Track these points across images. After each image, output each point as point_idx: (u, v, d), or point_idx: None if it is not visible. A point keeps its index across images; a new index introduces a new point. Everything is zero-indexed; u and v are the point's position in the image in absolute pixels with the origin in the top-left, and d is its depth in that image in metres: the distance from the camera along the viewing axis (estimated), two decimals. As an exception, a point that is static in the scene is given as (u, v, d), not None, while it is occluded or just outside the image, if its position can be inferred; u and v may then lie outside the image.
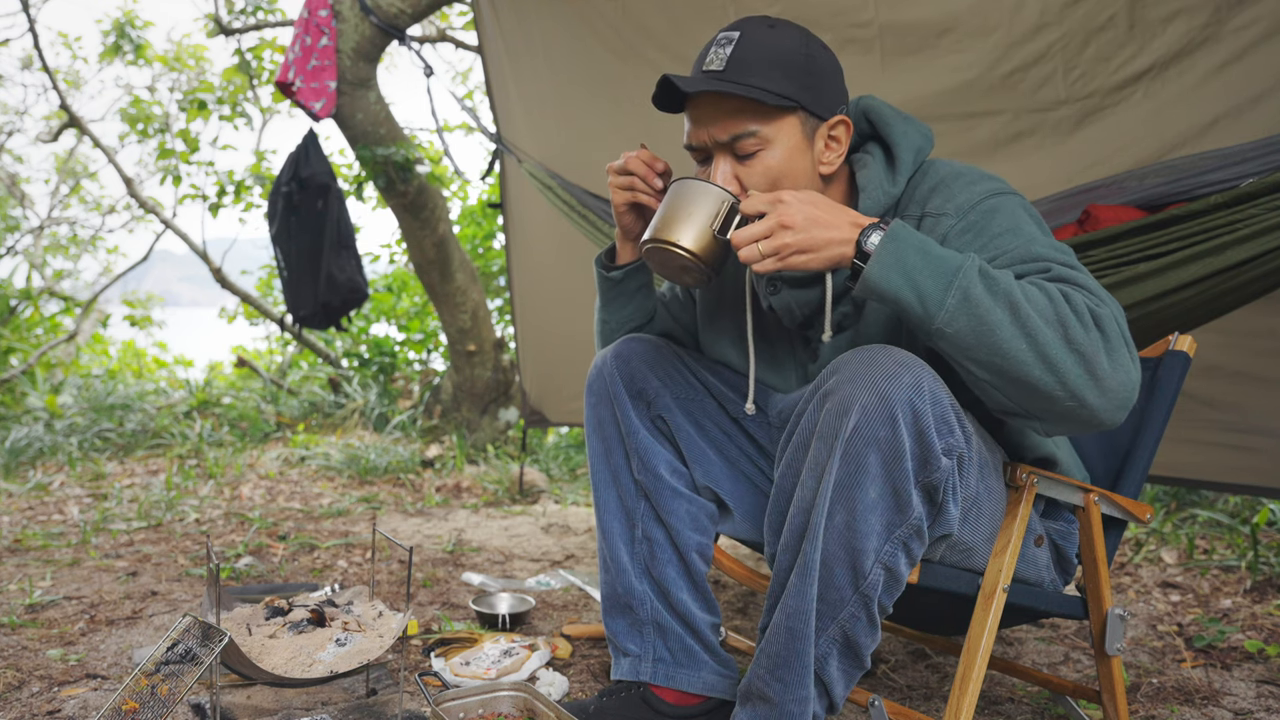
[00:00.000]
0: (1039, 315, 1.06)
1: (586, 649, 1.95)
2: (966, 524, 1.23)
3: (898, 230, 1.10)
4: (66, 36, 7.10)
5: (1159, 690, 1.77)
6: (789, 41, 1.26)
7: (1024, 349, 1.06)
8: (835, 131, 1.29)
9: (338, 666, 1.52)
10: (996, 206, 1.21)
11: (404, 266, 6.42)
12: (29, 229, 7.94)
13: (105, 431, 4.72)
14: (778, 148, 1.25)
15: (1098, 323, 1.07)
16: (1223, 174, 1.69)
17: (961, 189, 1.24)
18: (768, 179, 1.26)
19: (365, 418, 5.17)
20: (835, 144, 1.30)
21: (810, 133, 1.27)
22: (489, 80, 3.22)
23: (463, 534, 3.06)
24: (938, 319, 1.08)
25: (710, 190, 1.22)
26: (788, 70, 1.24)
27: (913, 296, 1.08)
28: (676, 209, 1.22)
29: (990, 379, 1.10)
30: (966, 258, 1.09)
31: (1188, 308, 1.65)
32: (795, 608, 1.13)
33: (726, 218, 1.21)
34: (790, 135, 1.26)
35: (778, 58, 1.24)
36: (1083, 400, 1.07)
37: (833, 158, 1.30)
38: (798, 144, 1.26)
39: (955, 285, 1.07)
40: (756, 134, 1.24)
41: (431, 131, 6.54)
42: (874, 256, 1.09)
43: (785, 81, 1.23)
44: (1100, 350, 1.06)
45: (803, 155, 1.27)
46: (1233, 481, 2.28)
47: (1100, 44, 1.85)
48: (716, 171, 1.27)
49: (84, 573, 2.45)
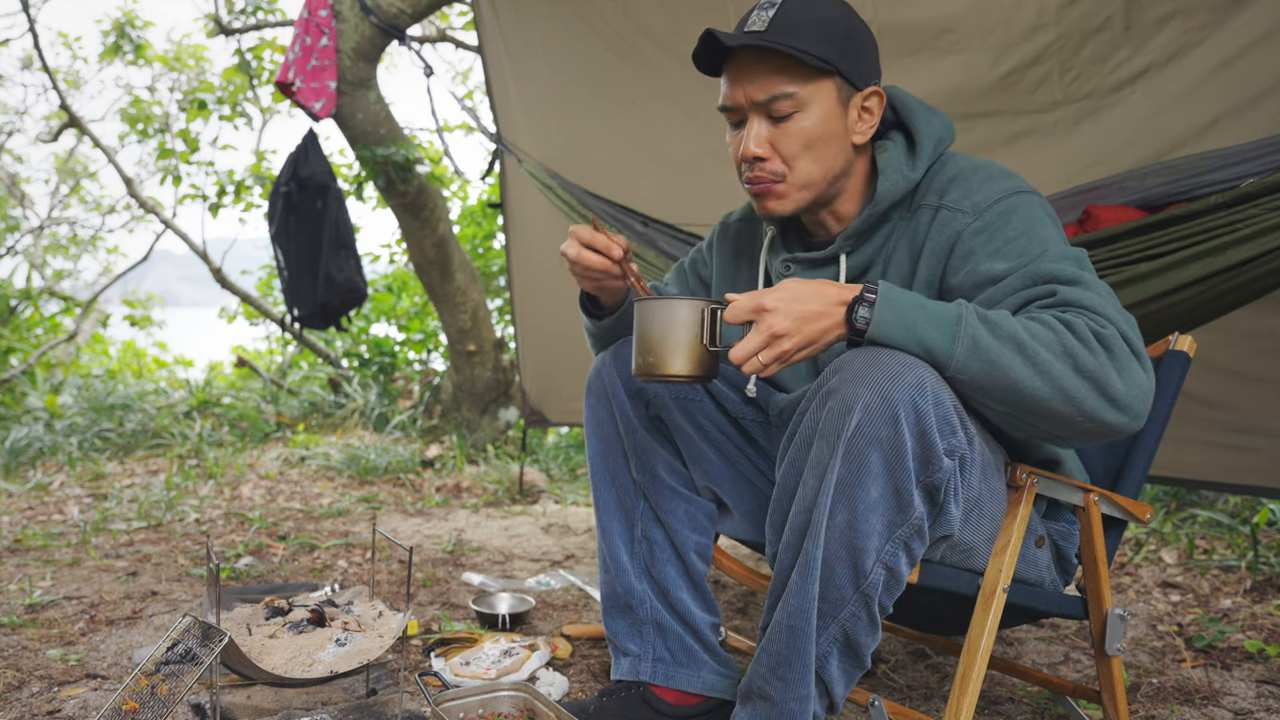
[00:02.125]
0: (1047, 350, 1.07)
1: (586, 649, 1.95)
2: (968, 524, 1.23)
3: (889, 291, 1.12)
4: (66, 36, 7.10)
5: (1159, 690, 1.77)
6: (831, 10, 1.28)
7: (1038, 385, 1.08)
8: (869, 103, 1.31)
9: (338, 666, 1.52)
10: (1014, 206, 1.22)
11: (404, 266, 6.42)
12: (29, 229, 7.94)
13: (105, 431, 4.71)
14: (814, 111, 1.27)
15: (1104, 343, 1.08)
16: (1223, 174, 1.69)
17: (980, 185, 1.25)
18: (801, 141, 1.27)
19: (365, 418, 5.17)
20: (868, 115, 1.31)
21: (845, 100, 1.29)
22: (489, 80, 3.22)
23: (463, 534, 3.06)
24: (950, 368, 1.10)
25: (684, 307, 1.19)
26: (829, 35, 1.25)
27: (919, 350, 1.10)
28: (660, 336, 1.19)
29: (1008, 413, 1.13)
30: (960, 305, 1.11)
31: (1188, 308, 1.65)
32: (796, 606, 1.14)
33: (711, 328, 1.20)
34: (826, 99, 1.27)
35: (819, 22, 1.26)
36: (1101, 420, 1.09)
37: (865, 128, 1.31)
38: (833, 109, 1.28)
39: (962, 334, 1.09)
40: (793, 95, 1.26)
41: (431, 131, 6.55)
42: (875, 319, 1.10)
43: (825, 45, 1.25)
44: (1110, 371, 1.08)
45: (837, 121, 1.28)
46: (1233, 481, 2.28)
47: (1096, 45, 1.85)
48: (750, 133, 1.29)
49: (84, 573, 2.45)
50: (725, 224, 1.59)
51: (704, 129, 2.61)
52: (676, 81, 2.58)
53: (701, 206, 2.62)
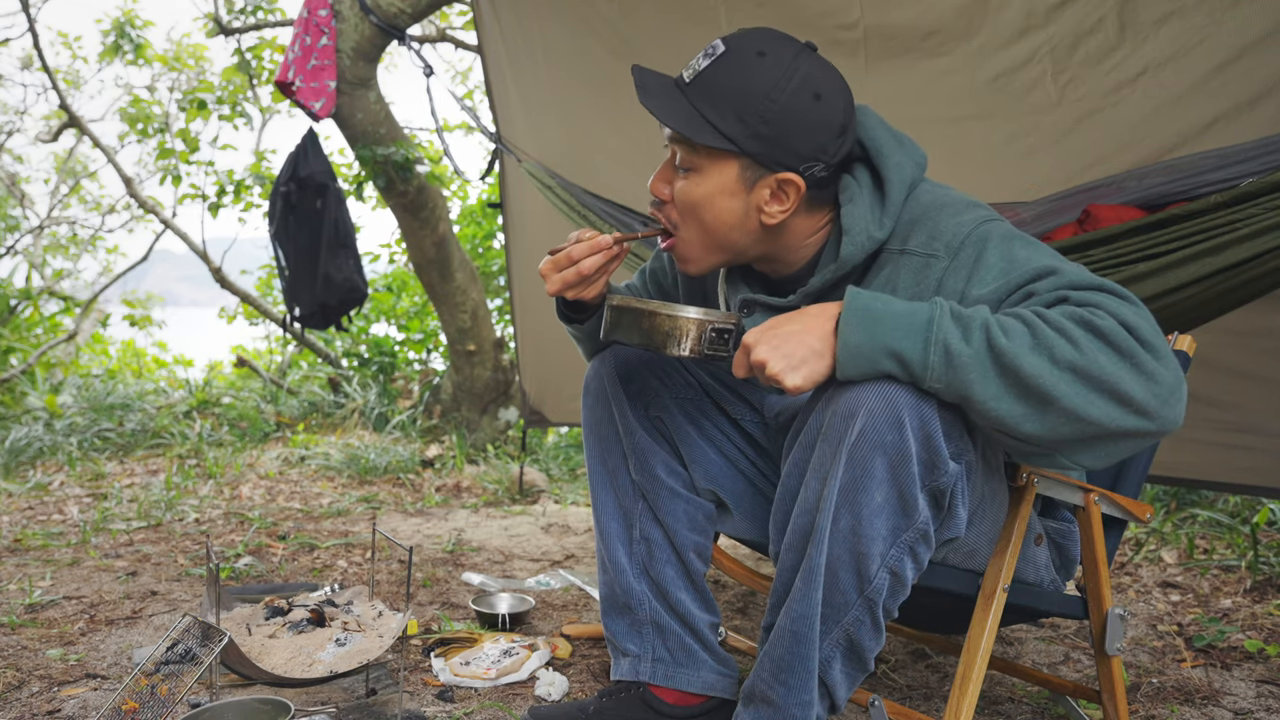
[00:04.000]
0: (1060, 341, 1.00)
1: (586, 649, 1.95)
2: (970, 525, 1.23)
3: (855, 296, 1.08)
4: (66, 36, 7.10)
5: (1159, 690, 1.77)
6: (764, 81, 1.16)
7: (1070, 386, 1.00)
8: (785, 188, 1.20)
9: (338, 666, 1.52)
10: (986, 235, 1.15)
11: (404, 266, 6.42)
12: (29, 229, 7.93)
13: (105, 431, 4.71)
14: (706, 182, 1.21)
15: (1101, 332, 1.00)
16: (1223, 174, 1.69)
17: (946, 223, 1.17)
18: (689, 203, 1.23)
19: (365, 418, 5.16)
20: (782, 198, 1.21)
21: (750, 180, 1.20)
22: (488, 80, 3.22)
23: (462, 534, 3.06)
24: (926, 380, 1.05)
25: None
26: (743, 112, 1.16)
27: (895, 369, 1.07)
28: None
29: (1034, 416, 1.02)
30: (933, 306, 1.05)
31: (1188, 307, 1.65)
32: (800, 612, 1.13)
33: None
34: (722, 175, 1.20)
35: (741, 95, 1.16)
36: (1136, 430, 1.02)
37: (776, 211, 1.21)
38: (728, 186, 1.20)
39: (975, 331, 1.02)
40: (692, 154, 1.22)
41: (431, 131, 6.53)
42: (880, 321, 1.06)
43: (735, 123, 1.17)
44: (1125, 372, 1.00)
45: (733, 199, 1.21)
46: (1233, 481, 2.28)
47: (1090, 47, 1.85)
48: (662, 169, 1.27)
49: (84, 573, 2.45)
50: None
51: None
52: (676, 81, 2.58)
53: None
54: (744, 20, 2.17)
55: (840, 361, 1.07)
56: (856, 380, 1.08)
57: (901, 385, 1.06)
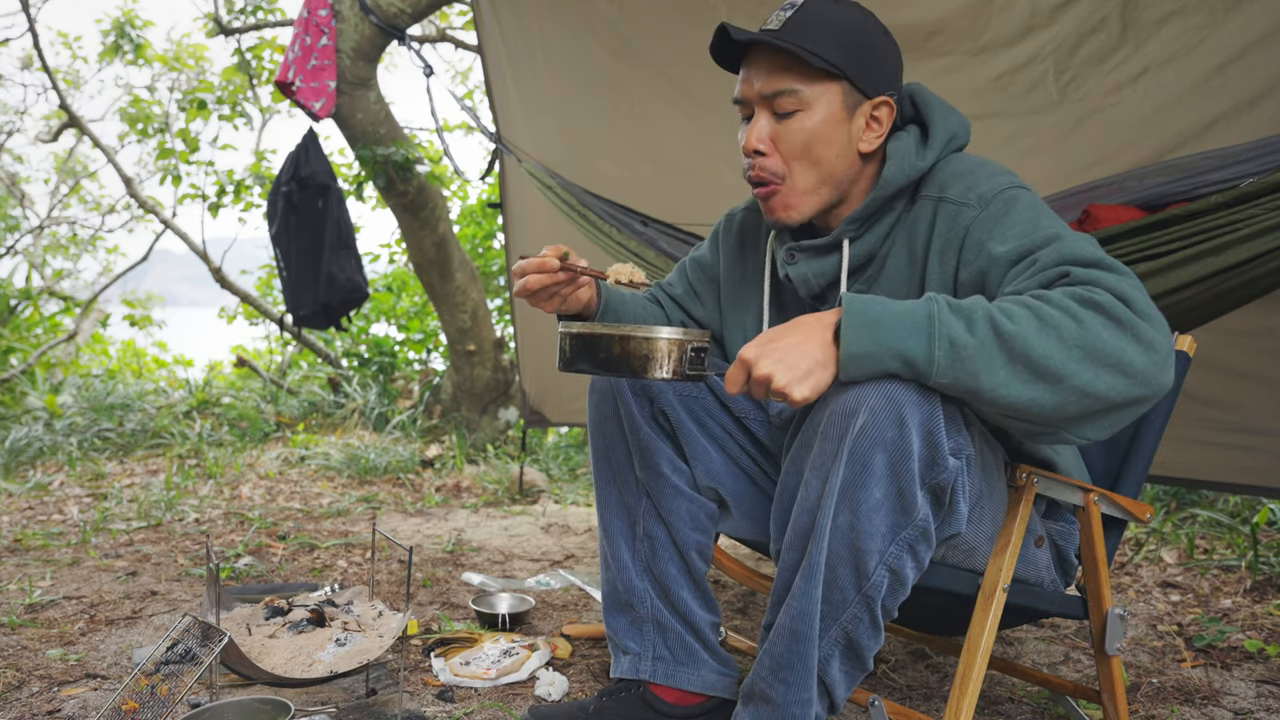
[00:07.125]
0: (1065, 320, 1.03)
1: (586, 649, 1.95)
2: (970, 523, 1.23)
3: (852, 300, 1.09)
4: (66, 36, 7.10)
5: (1159, 690, 1.77)
6: (849, 16, 1.28)
7: (1068, 358, 1.02)
8: (878, 112, 1.30)
9: (338, 666, 1.52)
10: (1016, 197, 1.22)
11: (404, 266, 6.42)
12: (29, 229, 7.94)
13: (105, 431, 4.71)
14: (816, 112, 1.27)
15: (1100, 307, 1.03)
16: (1223, 174, 1.69)
17: (983, 179, 1.25)
18: (801, 141, 1.28)
19: (365, 418, 5.17)
20: (876, 124, 1.31)
21: (852, 106, 1.29)
22: (488, 80, 3.22)
23: (462, 534, 3.06)
24: (931, 377, 1.06)
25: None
26: (841, 40, 1.26)
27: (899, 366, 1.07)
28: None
29: (1042, 389, 1.04)
30: (930, 301, 1.07)
31: (1188, 308, 1.65)
32: (799, 610, 1.13)
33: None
34: (830, 103, 1.27)
35: (834, 26, 1.26)
36: (1139, 398, 1.05)
37: (872, 138, 1.31)
38: (836, 113, 1.28)
39: (979, 322, 1.04)
40: (797, 94, 1.27)
41: (431, 131, 6.54)
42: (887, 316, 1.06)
43: (836, 50, 1.25)
44: (1128, 344, 1.03)
45: (840, 126, 1.29)
46: (1233, 481, 2.28)
47: (1092, 46, 1.85)
48: (754, 127, 1.30)
49: (84, 573, 2.45)
50: (730, 216, 1.60)
51: (703, 129, 2.61)
52: (675, 82, 2.58)
53: (700, 206, 2.62)
54: (744, 20, 2.17)
55: (844, 368, 1.08)
56: (858, 380, 1.09)
57: (903, 382, 1.07)
